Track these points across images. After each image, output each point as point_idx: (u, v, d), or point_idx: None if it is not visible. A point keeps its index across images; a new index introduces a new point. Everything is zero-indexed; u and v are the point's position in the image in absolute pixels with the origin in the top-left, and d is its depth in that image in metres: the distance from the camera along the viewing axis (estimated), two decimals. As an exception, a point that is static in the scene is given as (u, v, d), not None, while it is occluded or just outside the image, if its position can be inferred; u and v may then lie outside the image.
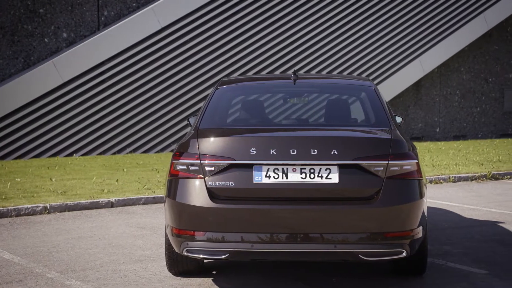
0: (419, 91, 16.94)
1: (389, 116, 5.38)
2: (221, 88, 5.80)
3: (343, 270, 5.60)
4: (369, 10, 15.93)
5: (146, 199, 8.74)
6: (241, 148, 4.85)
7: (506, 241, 6.62)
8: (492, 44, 17.68)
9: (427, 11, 16.51)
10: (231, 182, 4.78)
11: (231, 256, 4.78)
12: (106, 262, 5.88)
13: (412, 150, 4.98)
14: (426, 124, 17.06)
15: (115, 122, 13.66)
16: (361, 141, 4.97)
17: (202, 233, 4.77)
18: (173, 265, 5.37)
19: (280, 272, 5.56)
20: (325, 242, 4.68)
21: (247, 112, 5.94)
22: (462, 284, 5.21)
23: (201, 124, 5.27)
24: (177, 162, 4.93)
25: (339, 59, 15.68)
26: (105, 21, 13.72)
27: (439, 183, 10.53)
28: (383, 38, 16.07)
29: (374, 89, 5.74)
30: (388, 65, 16.12)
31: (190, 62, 14.22)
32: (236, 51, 14.62)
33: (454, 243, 6.53)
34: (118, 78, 13.60)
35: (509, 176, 11.08)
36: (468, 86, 17.50)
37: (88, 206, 8.36)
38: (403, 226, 4.74)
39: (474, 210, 8.29)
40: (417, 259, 5.21)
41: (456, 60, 17.25)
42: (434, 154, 13.46)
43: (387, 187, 4.74)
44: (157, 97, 13.98)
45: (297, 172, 4.77)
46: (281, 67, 15.13)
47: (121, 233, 7.03)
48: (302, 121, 8.90)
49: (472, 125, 17.62)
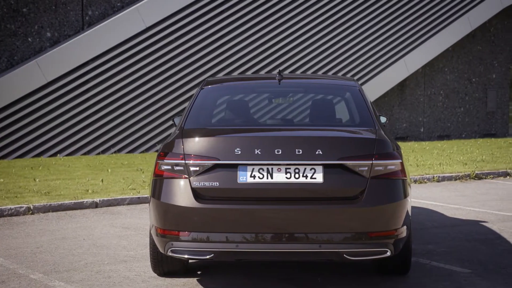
0: (404, 91, 17.02)
1: (374, 116, 5.40)
2: (206, 88, 5.79)
3: (328, 269, 5.61)
4: (354, 11, 15.98)
5: (131, 199, 8.71)
6: (226, 148, 4.84)
7: (488, 240, 6.67)
8: (476, 44, 17.81)
9: (412, 11, 16.60)
10: (216, 182, 4.78)
11: (216, 256, 4.78)
12: (90, 262, 5.85)
13: (396, 150, 5.00)
14: (410, 124, 17.15)
15: (100, 122, 13.60)
16: (345, 141, 4.98)
17: (187, 233, 4.76)
18: (157, 266, 5.35)
19: (265, 272, 5.56)
20: (310, 242, 4.68)
21: (232, 112, 5.94)
22: (445, 283, 5.24)
23: (186, 124, 5.26)
24: (162, 162, 4.92)
25: (324, 59, 15.71)
26: (90, 20, 13.65)
27: (423, 182, 10.58)
28: (368, 39, 16.13)
29: (359, 89, 5.76)
30: (373, 65, 16.18)
31: (175, 62, 14.19)
32: (221, 51, 14.62)
33: (438, 242, 6.57)
34: (102, 78, 13.54)
35: (492, 175, 11.16)
36: (452, 86, 17.61)
37: (72, 207, 8.32)
38: (387, 226, 4.76)
39: (458, 210, 8.35)
40: (401, 259, 5.24)
41: (440, 61, 17.36)
42: (418, 154, 13.54)
43: (372, 187, 4.76)
44: (142, 97, 13.94)
45: (282, 172, 4.77)
46: (266, 67, 15.14)
47: (106, 234, 6.99)
48: (287, 121, 8.90)
49: (456, 125, 17.73)
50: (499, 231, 7.08)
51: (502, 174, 11.25)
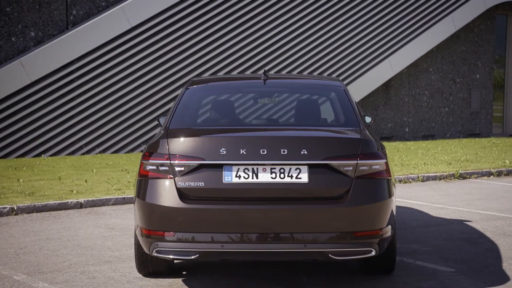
0: (389, 91, 17.10)
1: (359, 116, 5.42)
2: (191, 88, 5.79)
3: (313, 269, 5.62)
4: (339, 11, 16.03)
5: (116, 199, 8.67)
6: (211, 148, 4.84)
7: (472, 239, 6.72)
8: (460, 45, 17.93)
9: (396, 12, 16.67)
10: (201, 182, 4.77)
11: (201, 256, 4.77)
12: (75, 263, 5.82)
13: (381, 150, 5.02)
14: (395, 124, 17.23)
15: (84, 122, 13.53)
16: (330, 141, 4.99)
17: (172, 233, 4.75)
18: (142, 266, 5.34)
19: (250, 272, 5.56)
20: (295, 241, 4.69)
21: (217, 112, 5.94)
22: (430, 282, 5.27)
23: (171, 124, 5.25)
24: (147, 163, 4.91)
25: (309, 59, 15.75)
26: (74, 20, 13.58)
27: (408, 182, 10.64)
28: (353, 39, 16.18)
29: (344, 89, 5.78)
30: (358, 66, 16.24)
31: (160, 62, 14.15)
32: (207, 51, 14.60)
33: (423, 241, 6.61)
34: (87, 78, 13.47)
35: (476, 175, 11.24)
36: (437, 86, 17.72)
37: (56, 207, 8.27)
38: (372, 225, 4.78)
39: (442, 209, 8.40)
40: (386, 258, 5.26)
41: (425, 61, 17.45)
42: (403, 154, 13.60)
43: (356, 187, 4.77)
44: (127, 97, 13.89)
45: (267, 172, 4.78)
46: (251, 67, 15.15)
47: (90, 234, 6.96)
48: (272, 121, 8.92)
49: (441, 125, 17.84)
50: (482, 230, 7.14)
51: (485, 174, 11.33)
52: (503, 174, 11.44)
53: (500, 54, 18.92)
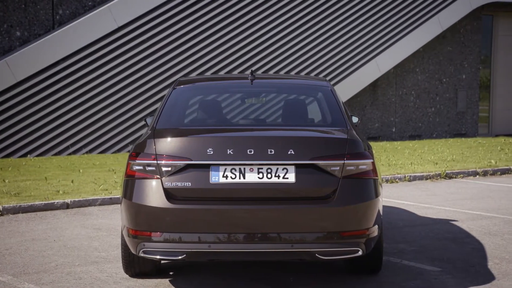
0: (376, 91, 17.16)
1: (346, 116, 5.44)
2: (178, 88, 5.78)
3: (300, 269, 5.63)
4: (326, 11, 16.06)
5: (103, 200, 8.64)
6: (198, 148, 4.84)
7: (458, 239, 6.76)
8: (446, 45, 18.02)
9: (383, 12, 16.73)
10: (188, 183, 4.77)
11: (188, 256, 4.77)
12: (61, 264, 5.79)
13: (367, 150, 5.04)
14: (382, 124, 17.29)
15: (71, 122, 13.47)
16: (317, 141, 5.00)
17: (159, 233, 4.74)
18: (129, 267, 5.32)
19: (237, 272, 5.56)
20: (282, 241, 4.70)
21: (204, 112, 5.94)
22: (416, 281, 5.30)
23: (158, 124, 5.24)
24: (134, 163, 4.90)
25: (296, 59, 15.76)
26: (60, 19, 13.51)
27: (395, 182, 10.68)
28: (340, 39, 16.22)
29: (331, 89, 5.80)
30: (345, 66, 16.28)
31: (148, 62, 14.12)
32: (194, 51, 14.58)
33: (409, 241, 6.64)
34: (73, 77, 13.41)
35: (462, 175, 11.31)
36: (423, 86, 17.80)
37: (42, 208, 8.22)
38: (359, 225, 4.80)
39: (429, 209, 8.44)
40: (372, 258, 5.28)
41: (412, 61, 17.53)
42: (390, 154, 13.65)
43: (343, 187, 4.79)
44: (114, 97, 13.84)
45: (254, 172, 4.78)
46: (239, 67, 15.14)
47: (77, 235, 6.93)
48: (260, 121, 8.92)
49: (427, 125, 17.92)
50: (468, 229, 7.18)
51: (472, 174, 11.40)
52: (489, 174, 11.51)
53: (486, 54, 19.04)
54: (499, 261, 5.88)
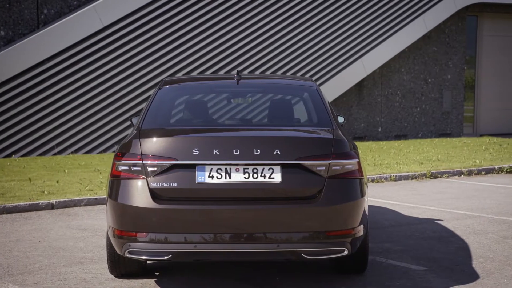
0: (362, 91, 17.21)
1: (331, 116, 5.45)
2: (164, 88, 5.76)
3: (286, 269, 5.64)
4: (312, 11, 16.09)
5: (88, 200, 8.60)
6: (184, 148, 4.83)
7: (443, 238, 6.80)
8: (431, 45, 18.11)
9: (368, 13, 16.79)
10: (174, 183, 4.76)
11: (174, 257, 4.76)
12: (46, 265, 5.76)
13: (353, 150, 5.05)
14: (368, 124, 17.34)
15: (56, 122, 13.39)
16: (303, 141, 5.01)
17: (144, 234, 4.73)
18: (115, 267, 5.30)
19: (224, 272, 5.56)
20: (268, 241, 4.70)
21: (190, 112, 5.93)
22: (401, 280, 5.32)
23: (144, 124, 5.22)
24: (119, 163, 4.88)
25: (282, 59, 15.78)
26: (45, 19, 13.43)
27: (380, 182, 10.71)
28: (325, 39, 16.25)
29: (317, 89, 5.81)
30: (331, 66, 16.32)
31: (133, 62, 14.07)
32: (180, 51, 14.55)
33: (395, 240, 6.67)
34: (58, 77, 13.33)
35: (448, 174, 11.37)
36: (409, 86, 17.88)
37: (27, 208, 8.17)
38: (344, 225, 4.81)
39: (414, 208, 8.48)
40: (358, 257, 5.29)
41: (397, 61, 17.60)
42: (376, 154, 13.70)
43: (329, 187, 4.80)
44: (99, 96, 13.77)
45: (240, 172, 4.78)
46: (225, 67, 15.13)
47: (62, 235, 6.89)
48: (246, 121, 8.91)
49: (413, 125, 18.00)
50: (453, 229, 7.22)
51: (456, 173, 11.47)
52: (474, 173, 11.59)
53: (471, 54, 19.16)
54: (484, 260, 5.92)
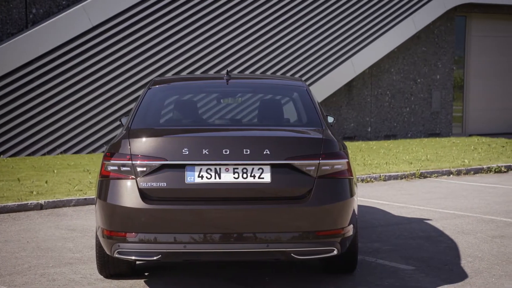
0: (351, 91, 17.25)
1: (321, 116, 5.46)
2: (153, 88, 5.75)
3: (276, 269, 5.64)
4: (302, 12, 16.11)
5: (77, 200, 8.57)
6: (174, 148, 4.82)
7: (432, 237, 6.83)
8: (420, 46, 18.17)
9: (358, 13, 16.82)
10: (164, 183, 4.75)
11: (163, 257, 4.75)
12: (34, 265, 5.73)
13: (343, 150, 5.06)
14: (358, 124, 17.38)
15: (45, 122, 13.33)
16: (293, 141, 5.02)
17: (134, 234, 4.72)
18: (104, 267, 5.29)
19: (214, 272, 5.55)
20: (257, 241, 4.70)
21: (180, 112, 5.92)
22: (390, 280, 5.34)
23: (133, 124, 5.21)
24: (108, 163, 4.87)
25: (272, 59, 15.78)
26: (34, 19, 13.37)
27: (370, 182, 10.74)
28: (315, 39, 16.27)
29: (306, 89, 5.82)
30: (321, 66, 16.34)
31: (123, 62, 14.03)
32: (169, 51, 14.52)
33: (384, 240, 6.69)
34: (47, 77, 13.27)
35: (437, 174, 11.41)
36: (398, 86, 17.93)
37: (15, 209, 8.13)
38: (334, 225, 4.82)
39: (403, 208, 8.51)
40: (348, 257, 5.30)
41: (387, 61, 17.65)
42: (365, 154, 13.73)
43: (319, 186, 4.80)
44: (88, 96, 13.73)
45: (230, 172, 4.78)
46: (215, 67, 15.12)
47: (51, 236, 6.86)
48: (235, 121, 8.91)
49: (402, 125, 18.06)
50: (442, 228, 7.25)
51: (445, 173, 11.51)
52: (462, 173, 11.64)
53: (460, 55, 19.24)
54: (472, 259, 5.95)
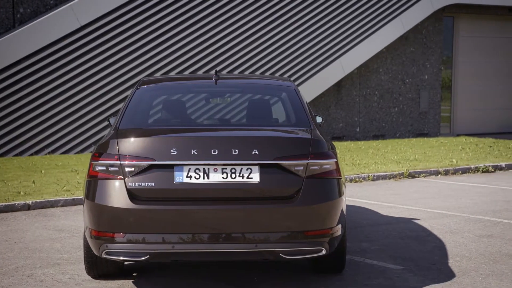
0: (340, 91, 17.28)
1: (309, 116, 5.47)
2: (142, 88, 5.74)
3: (265, 269, 5.64)
4: (291, 12, 16.12)
5: (65, 201, 8.53)
6: (162, 148, 4.81)
7: (420, 237, 6.85)
8: (409, 46, 18.24)
9: (347, 13, 16.86)
10: (152, 183, 4.74)
11: (152, 257, 4.74)
12: (22, 266, 5.70)
13: (331, 150, 5.07)
14: (346, 124, 17.42)
15: (33, 122, 13.26)
16: (281, 141, 5.02)
17: (122, 234, 4.70)
18: (92, 268, 5.27)
19: (202, 273, 5.55)
20: (246, 241, 4.70)
21: (168, 112, 5.91)
22: (379, 280, 5.35)
23: (121, 124, 5.20)
24: (96, 163, 4.85)
25: (261, 59, 15.79)
26: (21, 18, 13.30)
27: (359, 181, 10.77)
28: (304, 39, 16.30)
29: (295, 89, 5.82)
30: (310, 66, 16.36)
31: (111, 62, 13.98)
32: (158, 51, 14.49)
33: (372, 240, 6.70)
34: (35, 77, 13.21)
35: (425, 174, 11.46)
36: (386, 86, 17.99)
37: (2, 209, 8.08)
38: (322, 225, 4.83)
39: (392, 208, 8.54)
40: (336, 257, 5.31)
41: (375, 61, 17.70)
42: (354, 153, 13.76)
43: (307, 186, 4.81)
44: (77, 96, 13.67)
45: (219, 172, 4.78)
46: (203, 67, 15.10)
47: (38, 236, 6.83)
48: (224, 121, 8.91)
49: (391, 125, 18.12)
50: (430, 228, 7.28)
51: (433, 173, 11.56)
52: (450, 173, 11.69)
53: (448, 55, 19.34)
54: (460, 258, 5.98)
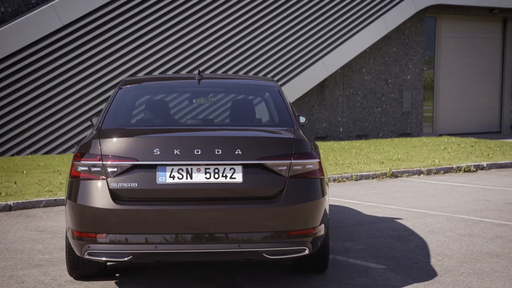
0: (323, 91, 17.33)
1: (293, 116, 5.47)
2: (124, 88, 5.72)
3: (248, 269, 5.64)
4: (273, 12, 16.14)
5: (47, 201, 8.47)
6: (145, 148, 4.80)
7: (403, 236, 6.89)
8: (391, 46, 18.34)
9: (330, 13, 16.91)
10: (135, 183, 4.72)
11: (134, 258, 4.72)
12: (2, 268, 5.65)
13: (314, 150, 5.08)
14: (330, 124, 17.47)
15: (14, 122, 13.16)
16: (264, 141, 5.02)
17: (104, 235, 4.68)
18: (74, 269, 5.24)
19: (185, 273, 5.54)
20: (229, 241, 4.70)
21: (151, 112, 5.89)
22: (361, 279, 5.38)
23: (104, 125, 5.17)
24: (78, 163, 4.82)
25: (244, 59, 15.79)
26: (2, 17, 13.18)
27: (342, 181, 10.80)
28: (287, 40, 16.32)
29: (278, 90, 5.83)
30: (293, 66, 16.39)
31: (93, 61, 13.90)
32: (141, 51, 14.43)
33: (355, 239, 6.73)
34: (16, 77, 13.10)
35: (407, 173, 11.52)
36: (370, 86, 18.07)
37: (-16, 210, 8.00)
38: (305, 224, 4.84)
39: (375, 207, 8.57)
40: (319, 257, 5.33)
41: (358, 62, 17.77)
42: (337, 153, 13.81)
43: (290, 186, 4.82)
44: (59, 96, 13.58)
45: (202, 172, 4.77)
46: (186, 67, 15.07)
47: (19, 237, 6.77)
48: (207, 121, 8.89)
49: (374, 125, 18.20)
50: (412, 227, 7.32)
51: (416, 172, 11.63)
52: (433, 172, 11.77)
53: (430, 55, 19.46)
54: (442, 258, 6.02)
